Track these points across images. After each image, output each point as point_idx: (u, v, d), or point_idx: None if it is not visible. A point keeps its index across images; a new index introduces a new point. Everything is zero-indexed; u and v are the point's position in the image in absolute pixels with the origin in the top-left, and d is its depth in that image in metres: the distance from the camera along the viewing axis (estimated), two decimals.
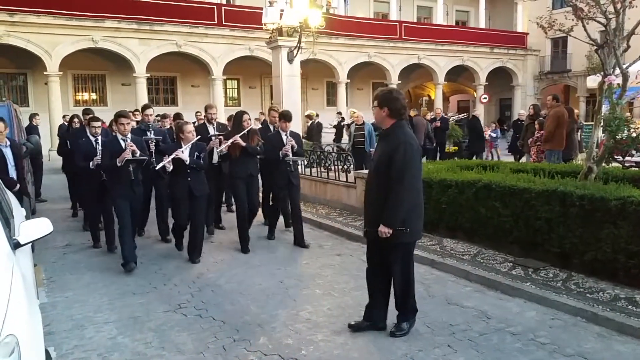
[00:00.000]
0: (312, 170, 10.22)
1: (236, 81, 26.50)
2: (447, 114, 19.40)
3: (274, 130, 7.54)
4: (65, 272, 6.00)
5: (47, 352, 2.74)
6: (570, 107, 11.55)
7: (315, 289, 5.29)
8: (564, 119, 9.32)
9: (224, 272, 5.87)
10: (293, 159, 6.90)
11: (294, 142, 6.85)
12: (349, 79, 26.38)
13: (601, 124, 6.07)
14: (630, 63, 6.28)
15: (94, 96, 23.46)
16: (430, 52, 28.24)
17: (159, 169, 6.08)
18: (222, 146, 6.74)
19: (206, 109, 7.99)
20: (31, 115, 13.71)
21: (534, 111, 11.83)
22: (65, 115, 16.16)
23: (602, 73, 6.23)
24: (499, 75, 31.05)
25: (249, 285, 5.44)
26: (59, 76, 19.70)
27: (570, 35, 6.74)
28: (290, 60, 11.05)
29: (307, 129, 15.22)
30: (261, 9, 12.40)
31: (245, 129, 6.70)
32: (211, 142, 7.15)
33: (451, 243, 6.53)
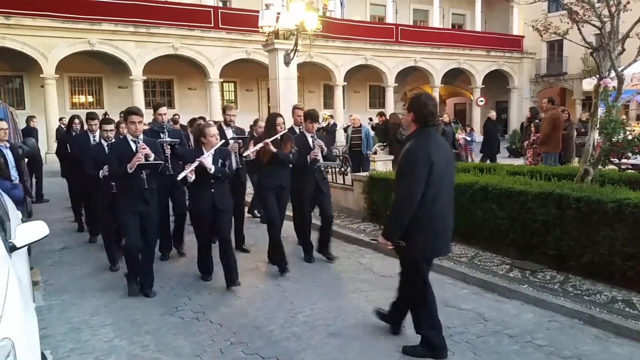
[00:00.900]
0: None
1: (233, 84, 26.52)
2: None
3: (299, 132, 6.70)
4: (61, 275, 5.98)
5: (43, 355, 2.73)
6: (567, 111, 11.60)
7: (312, 291, 5.28)
8: (559, 122, 9.37)
9: (220, 276, 5.85)
10: (324, 164, 6.22)
11: (322, 144, 6.09)
12: (346, 81, 26.44)
13: (597, 126, 6.09)
14: (626, 66, 6.31)
15: (90, 99, 23.44)
16: (427, 55, 28.34)
17: (180, 179, 5.15)
18: (249, 151, 5.84)
19: (224, 111, 7.25)
20: (28, 118, 13.67)
21: (531, 114, 11.89)
22: (62, 118, 16.11)
23: (597, 76, 6.25)
24: (495, 78, 31.17)
25: (246, 287, 5.43)
26: (55, 79, 19.70)
27: (565, 39, 6.77)
28: (287, 63, 11.06)
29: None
30: (257, 12, 12.42)
31: (278, 133, 5.87)
32: (229, 146, 6.43)
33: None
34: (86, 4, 19.68)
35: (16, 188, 5.39)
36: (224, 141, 5.61)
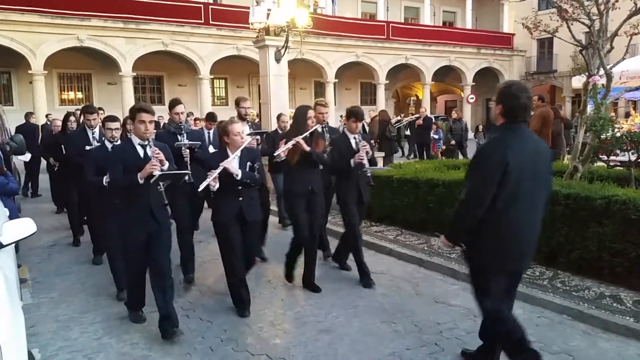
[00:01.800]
0: None
1: (223, 80, 26.43)
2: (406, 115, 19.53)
3: (332, 133, 6.00)
4: (50, 273, 5.93)
5: (30, 353, 2.70)
6: (556, 108, 11.68)
7: (303, 289, 5.27)
8: (549, 119, 9.42)
9: (211, 273, 5.83)
10: (371, 169, 5.31)
11: (368, 147, 5.30)
12: (337, 78, 26.42)
13: (586, 123, 6.13)
14: (614, 64, 6.36)
15: (79, 95, 23.27)
16: (418, 52, 28.39)
17: (201, 190, 4.24)
18: (280, 150, 4.90)
19: (238, 103, 6.41)
20: (27, 114, 13.50)
21: None
22: (48, 115, 15.87)
23: (587, 73, 6.30)
24: (486, 76, 31.29)
25: None
26: (43, 75, 19.49)
27: (555, 36, 6.82)
28: (278, 60, 11.01)
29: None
30: (248, 8, 12.35)
31: (309, 128, 5.03)
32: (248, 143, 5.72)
33: (439, 242, 6.55)
34: None
35: (10, 182, 5.31)
36: (250, 139, 4.80)
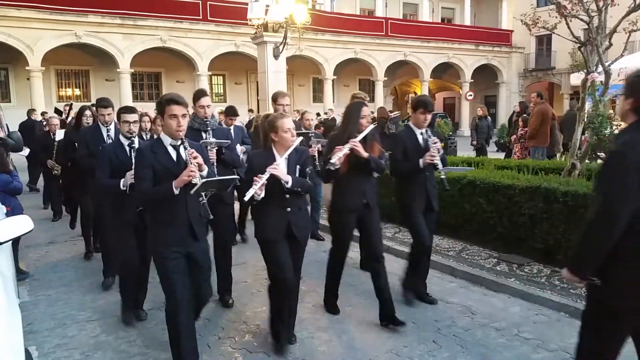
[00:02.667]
0: None
1: (222, 77, 26.39)
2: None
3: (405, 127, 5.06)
4: (47, 270, 5.91)
5: (27, 351, 2.69)
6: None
7: (300, 286, 5.25)
8: (548, 116, 9.44)
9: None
10: (446, 169, 4.52)
11: (439, 143, 4.47)
12: (335, 75, 26.41)
13: (584, 120, 6.14)
14: (613, 61, 6.36)
15: (77, 92, 23.21)
16: (416, 49, 28.39)
17: (247, 200, 3.48)
18: (335, 158, 3.94)
19: (275, 99, 5.46)
20: (29, 111, 13.46)
21: (520, 108, 11.96)
22: (44, 113, 15.56)
23: (585, 70, 6.30)
24: (484, 73, 31.31)
25: (234, 282, 5.37)
26: (41, 71, 19.45)
27: (554, 33, 6.81)
28: (276, 56, 10.99)
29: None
30: (246, 4, 12.31)
31: (363, 129, 4.14)
32: (310, 149, 4.94)
33: (436, 239, 6.53)
34: None
35: (15, 180, 5.29)
36: (302, 138, 3.86)
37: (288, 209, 3.71)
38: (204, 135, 4.67)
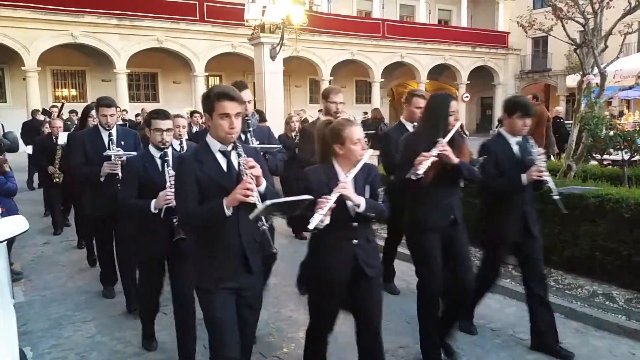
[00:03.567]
0: None
1: (218, 78, 26.30)
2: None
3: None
4: (43, 271, 5.90)
5: (22, 352, 2.68)
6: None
7: (296, 287, 5.25)
8: (543, 118, 9.46)
9: None
10: (560, 190, 3.94)
11: (544, 154, 3.75)
12: (332, 76, 26.39)
13: (580, 122, 6.16)
14: (608, 63, 6.39)
15: (73, 92, 23.12)
16: (413, 50, 28.42)
17: (311, 229, 2.69)
18: (422, 167, 3.21)
19: (327, 96, 4.70)
20: (34, 111, 13.37)
21: None
22: (35, 111, 14.08)
23: (581, 72, 6.32)
24: (481, 74, 31.36)
25: None
26: (37, 72, 19.38)
27: (550, 35, 6.84)
28: (273, 57, 11.01)
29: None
30: (243, 5, 12.33)
31: (451, 128, 3.41)
32: None
33: None
34: None
35: (9, 182, 5.27)
36: (372, 151, 3.26)
37: (355, 240, 2.92)
38: (244, 137, 3.86)
